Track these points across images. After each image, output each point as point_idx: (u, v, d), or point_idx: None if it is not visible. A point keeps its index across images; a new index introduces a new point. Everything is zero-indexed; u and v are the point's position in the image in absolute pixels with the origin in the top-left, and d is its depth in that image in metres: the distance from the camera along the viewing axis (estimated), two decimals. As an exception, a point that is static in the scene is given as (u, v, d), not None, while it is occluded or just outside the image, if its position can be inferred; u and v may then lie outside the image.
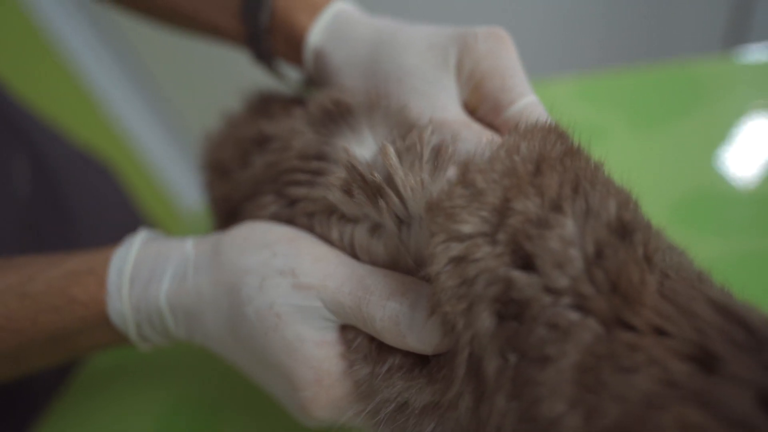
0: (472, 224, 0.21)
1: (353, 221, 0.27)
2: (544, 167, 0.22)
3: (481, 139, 0.26)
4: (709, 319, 0.18)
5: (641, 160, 0.52)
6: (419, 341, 0.23)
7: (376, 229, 0.27)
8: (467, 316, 0.21)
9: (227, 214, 0.36)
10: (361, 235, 0.27)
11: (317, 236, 0.28)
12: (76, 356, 0.33)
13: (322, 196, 0.28)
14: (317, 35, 0.33)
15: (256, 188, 0.33)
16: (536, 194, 0.22)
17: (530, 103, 0.27)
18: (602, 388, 0.18)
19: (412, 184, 0.24)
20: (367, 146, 0.29)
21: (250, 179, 0.34)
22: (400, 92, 0.29)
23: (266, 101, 0.40)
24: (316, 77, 0.35)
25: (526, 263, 0.21)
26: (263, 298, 0.26)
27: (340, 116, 0.29)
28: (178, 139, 1.38)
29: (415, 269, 0.25)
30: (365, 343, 0.26)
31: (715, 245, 0.44)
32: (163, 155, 1.34)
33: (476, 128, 0.27)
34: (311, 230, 0.29)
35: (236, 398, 0.42)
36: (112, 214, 0.62)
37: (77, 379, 0.48)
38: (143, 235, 0.31)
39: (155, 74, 1.26)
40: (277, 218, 0.30)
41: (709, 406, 0.16)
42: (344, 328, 0.27)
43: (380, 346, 0.25)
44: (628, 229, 0.21)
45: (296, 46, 0.35)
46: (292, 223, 0.30)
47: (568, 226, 0.21)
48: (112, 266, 0.29)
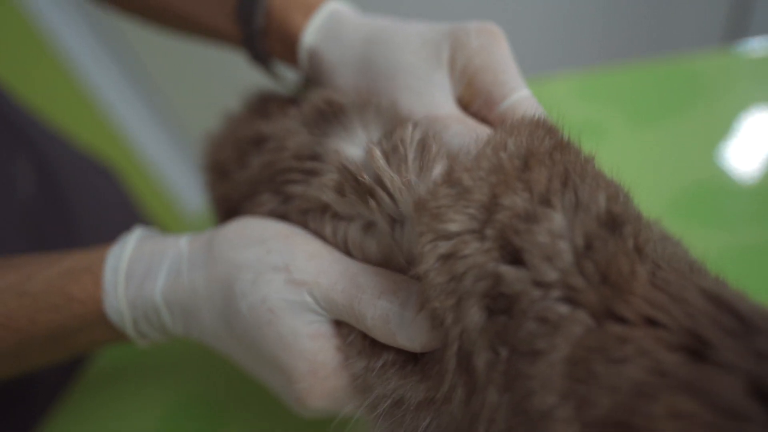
0: (459, 222, 0.22)
1: (347, 219, 0.27)
2: (532, 162, 0.22)
3: (474, 133, 0.26)
4: (700, 307, 0.18)
5: (641, 155, 0.52)
6: (408, 339, 0.23)
7: (369, 227, 0.27)
8: (456, 311, 0.21)
9: (227, 213, 0.36)
10: (354, 232, 0.27)
11: (311, 232, 0.28)
12: (76, 353, 0.33)
13: (315, 195, 0.28)
14: (311, 35, 0.33)
15: (254, 188, 0.33)
16: (524, 189, 0.22)
17: (523, 97, 0.27)
18: (593, 379, 0.18)
19: (399, 185, 0.24)
20: (360, 145, 0.29)
21: (248, 179, 0.34)
22: (393, 89, 0.29)
23: (264, 101, 0.40)
24: (311, 77, 0.36)
25: (514, 258, 0.21)
26: (257, 293, 0.26)
27: (333, 116, 0.30)
28: (178, 140, 1.38)
29: (406, 268, 0.25)
30: (359, 338, 0.26)
31: (715, 238, 0.44)
32: (164, 157, 1.34)
33: (469, 123, 0.27)
34: (305, 226, 0.29)
35: (241, 397, 0.43)
36: (114, 215, 0.62)
37: (83, 378, 0.48)
38: (138, 232, 0.32)
39: (155, 75, 1.26)
40: (273, 215, 0.31)
41: (699, 394, 0.16)
42: (339, 322, 0.27)
43: (374, 342, 0.26)
44: (617, 221, 0.21)
45: (291, 46, 0.35)
46: (286, 219, 0.30)
47: (556, 219, 0.21)
48: (108, 264, 0.30)
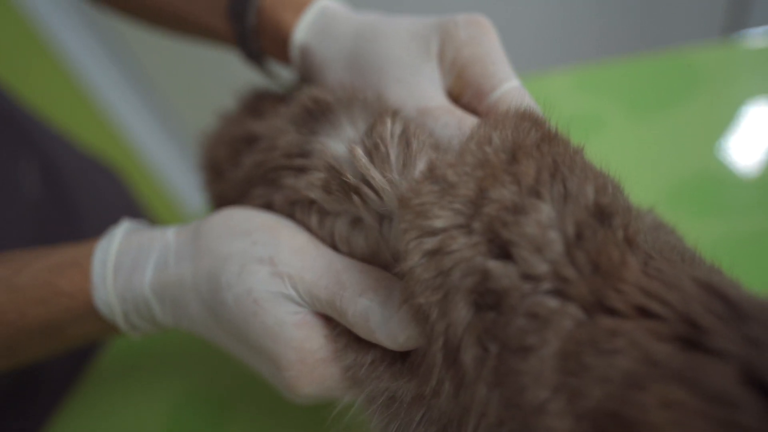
0: (444, 218, 0.21)
1: (334, 214, 0.27)
2: (520, 155, 0.22)
3: (463, 125, 0.26)
4: (693, 294, 0.18)
5: (641, 148, 0.51)
6: (387, 337, 0.23)
7: (356, 222, 0.27)
8: (442, 306, 0.21)
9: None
10: (341, 227, 0.27)
11: (298, 223, 0.29)
12: (73, 345, 0.33)
13: (304, 193, 0.28)
14: (302, 32, 0.33)
15: (247, 187, 0.33)
16: (512, 182, 0.21)
17: (512, 87, 0.27)
18: (584, 371, 0.18)
19: (382, 183, 0.24)
20: (348, 141, 0.29)
21: (241, 178, 0.34)
22: (383, 83, 0.29)
23: (258, 99, 0.40)
24: (304, 74, 0.36)
25: (503, 252, 0.21)
26: (242, 284, 0.26)
27: (320, 113, 0.30)
28: (178, 139, 1.38)
29: (392, 264, 0.25)
30: (345, 332, 0.26)
31: (714, 228, 0.44)
32: (164, 156, 1.34)
33: (459, 114, 0.27)
34: (292, 217, 0.29)
35: (246, 393, 0.43)
36: (117, 215, 0.62)
37: (90, 375, 0.48)
38: (126, 226, 0.32)
39: (154, 75, 1.26)
40: (262, 206, 0.31)
41: (690, 383, 0.16)
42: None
43: (360, 337, 0.26)
44: (606, 213, 0.21)
45: (283, 44, 0.35)
46: (273, 208, 0.30)
47: (545, 210, 0.21)
48: (95, 258, 0.30)
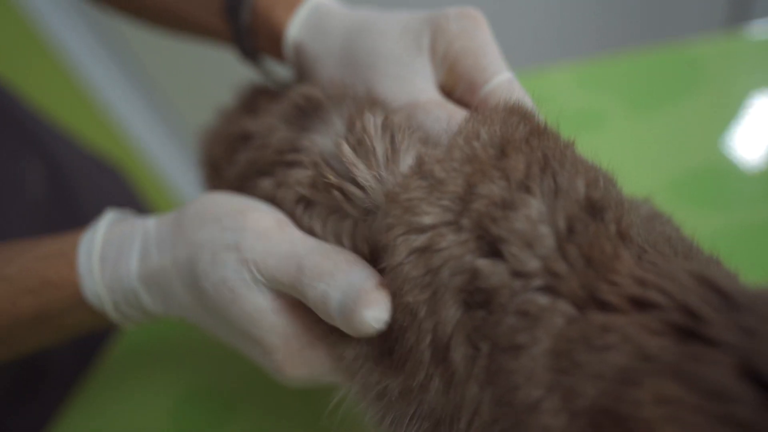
0: (432, 215, 0.21)
1: (323, 209, 0.27)
2: (509, 149, 0.22)
3: (453, 119, 0.26)
4: (688, 285, 0.18)
5: (643, 143, 0.51)
6: (345, 324, 0.23)
7: (344, 215, 0.27)
8: (430, 304, 0.21)
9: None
10: (326, 220, 0.27)
11: (275, 204, 0.28)
12: (68, 334, 0.33)
13: (294, 187, 0.28)
14: (295, 29, 0.33)
15: (242, 184, 0.33)
16: (501, 177, 0.21)
17: (504, 80, 0.27)
18: (577, 369, 0.17)
19: (368, 179, 0.24)
20: (336, 137, 0.29)
21: (236, 176, 0.34)
22: (375, 79, 0.29)
23: (255, 95, 0.40)
24: (298, 71, 0.36)
25: (492, 249, 0.20)
26: (216, 273, 0.26)
27: (312, 110, 0.30)
28: (180, 138, 1.38)
29: (367, 258, 0.25)
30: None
31: (715, 220, 0.43)
32: (166, 155, 1.34)
33: (450, 108, 0.27)
34: (273, 198, 0.29)
35: (250, 389, 0.43)
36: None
37: (95, 372, 0.48)
38: (110, 216, 0.32)
39: (154, 74, 1.26)
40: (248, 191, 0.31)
41: (684, 378, 0.15)
42: None
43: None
44: (597, 207, 0.21)
45: (277, 41, 0.35)
46: (258, 189, 0.30)
47: (534, 205, 0.20)
48: (81, 248, 0.30)
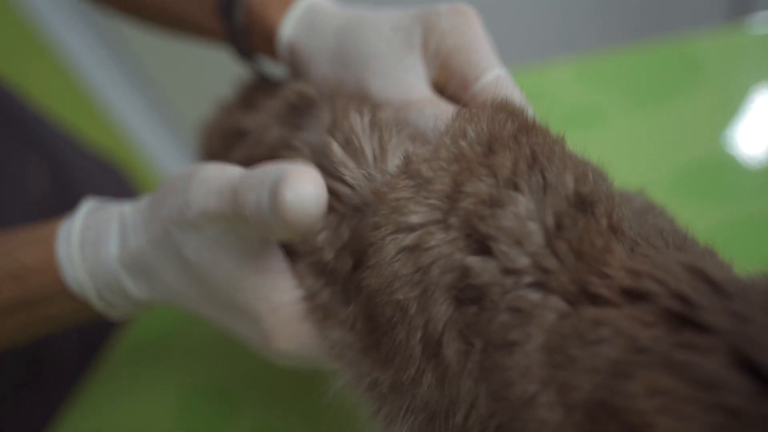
0: (420, 214, 0.21)
1: None
2: (496, 147, 0.22)
3: (445, 116, 0.26)
4: (680, 276, 0.18)
5: (643, 139, 0.51)
6: (275, 217, 0.21)
7: (332, 209, 0.27)
8: (420, 301, 0.21)
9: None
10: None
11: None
12: (54, 326, 0.33)
13: None
14: (289, 28, 0.33)
15: None
16: (489, 174, 0.21)
17: (496, 76, 0.26)
18: (571, 363, 0.17)
19: (358, 177, 0.24)
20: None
21: None
22: (367, 77, 0.29)
23: (253, 90, 0.40)
24: (292, 70, 0.36)
25: (482, 247, 0.20)
26: (190, 240, 0.26)
27: (305, 108, 0.30)
28: (180, 137, 1.38)
29: (356, 254, 0.25)
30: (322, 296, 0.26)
31: (716, 212, 0.43)
32: (166, 154, 1.34)
33: (442, 105, 0.27)
34: None
35: (254, 385, 0.43)
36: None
37: (98, 368, 0.48)
38: (90, 204, 0.31)
39: (155, 74, 1.25)
40: None
41: (676, 368, 0.15)
42: (297, 270, 0.27)
43: (327, 312, 0.26)
44: (587, 201, 0.21)
45: (271, 41, 0.35)
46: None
47: (522, 202, 0.20)
48: (60, 235, 0.30)
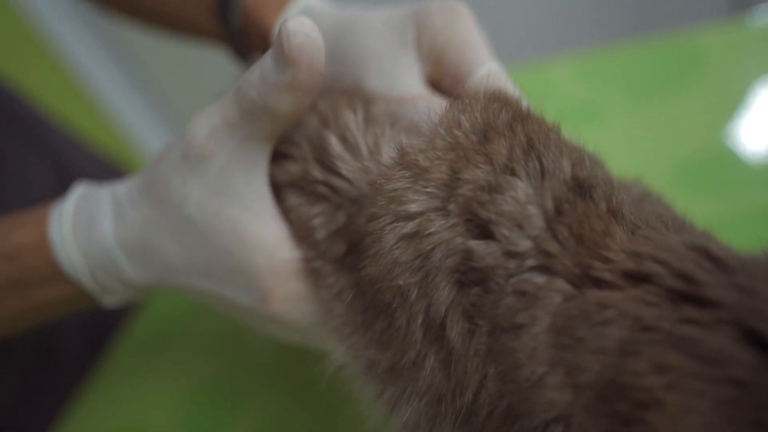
0: (419, 202, 0.21)
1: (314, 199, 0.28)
2: (491, 135, 0.22)
3: (439, 109, 0.26)
4: (683, 254, 0.18)
5: (644, 132, 0.51)
6: (273, 58, 0.23)
7: (328, 201, 0.27)
8: (421, 286, 0.21)
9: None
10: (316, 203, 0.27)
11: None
12: (48, 314, 0.33)
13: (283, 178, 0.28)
14: None
15: None
16: (485, 161, 0.21)
17: (489, 70, 0.27)
18: (578, 344, 0.17)
19: (354, 170, 0.25)
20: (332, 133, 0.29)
21: None
22: (362, 75, 0.29)
23: None
24: None
25: (483, 232, 0.21)
26: (192, 189, 0.26)
27: None
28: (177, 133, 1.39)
29: (353, 245, 0.25)
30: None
31: (717, 206, 0.43)
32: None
33: (437, 102, 0.27)
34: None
35: (258, 383, 0.43)
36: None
37: (103, 366, 0.48)
38: (81, 188, 0.32)
39: (156, 74, 1.26)
40: None
41: (683, 345, 0.15)
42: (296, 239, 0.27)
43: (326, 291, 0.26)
44: (584, 186, 0.21)
45: (267, 41, 0.35)
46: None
47: (521, 187, 0.20)
48: (52, 216, 0.30)
